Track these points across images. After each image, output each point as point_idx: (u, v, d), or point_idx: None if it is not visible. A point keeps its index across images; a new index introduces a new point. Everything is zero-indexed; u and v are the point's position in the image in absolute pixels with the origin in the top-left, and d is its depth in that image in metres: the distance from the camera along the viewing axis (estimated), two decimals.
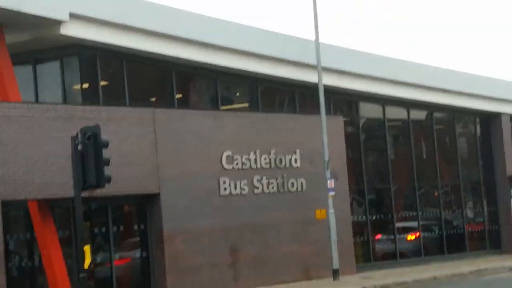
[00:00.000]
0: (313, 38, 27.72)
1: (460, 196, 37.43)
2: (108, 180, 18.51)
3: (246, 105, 29.72)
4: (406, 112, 34.85)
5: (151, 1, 25.41)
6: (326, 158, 26.91)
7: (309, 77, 28.52)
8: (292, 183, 27.36)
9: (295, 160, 27.50)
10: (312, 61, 27.69)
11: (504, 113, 38.18)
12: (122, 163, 21.37)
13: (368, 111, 33.92)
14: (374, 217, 33.20)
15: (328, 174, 26.85)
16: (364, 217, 32.32)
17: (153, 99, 26.96)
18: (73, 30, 22.81)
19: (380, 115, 34.01)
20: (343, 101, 32.37)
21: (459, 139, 38.22)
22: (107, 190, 19.34)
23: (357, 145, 32.31)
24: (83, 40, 23.48)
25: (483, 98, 36.89)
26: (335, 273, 26.42)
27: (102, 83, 25.27)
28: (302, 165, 27.65)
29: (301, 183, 27.59)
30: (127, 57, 25.18)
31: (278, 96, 30.83)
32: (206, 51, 26.50)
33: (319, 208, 27.16)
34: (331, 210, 26.75)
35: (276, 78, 29.00)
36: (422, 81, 33.88)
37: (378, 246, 33.16)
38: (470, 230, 37.32)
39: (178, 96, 27.27)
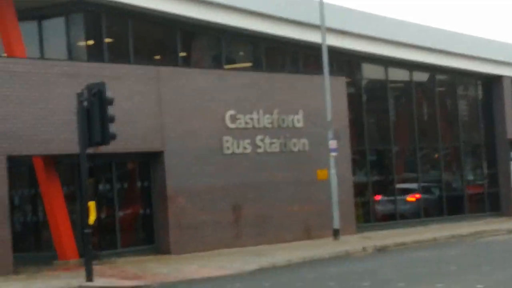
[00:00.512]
0: None
1: (460, 159, 37.56)
2: (113, 137, 18.59)
3: (249, 64, 29.63)
4: (409, 74, 34.81)
5: None
6: (329, 118, 26.87)
7: (313, 37, 28.42)
8: (294, 143, 27.41)
9: (298, 120, 27.54)
10: (316, 21, 27.52)
11: (505, 76, 38.10)
12: (127, 121, 21.43)
13: (371, 72, 33.89)
14: (375, 178, 33.29)
15: (330, 135, 26.84)
16: (365, 178, 32.45)
17: (158, 57, 26.92)
18: None
19: (382, 77, 33.99)
20: (346, 62, 32.36)
21: (460, 101, 38.21)
22: (112, 147, 19.40)
23: (359, 106, 32.35)
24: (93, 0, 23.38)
25: (485, 60, 36.82)
26: (336, 233, 26.59)
27: (107, 40, 25.27)
28: (305, 125, 27.69)
29: (303, 143, 27.64)
30: (132, 15, 25.09)
31: (281, 56, 30.78)
32: (211, 9, 26.39)
33: (321, 168, 27.24)
34: (333, 171, 26.84)
35: (279, 38, 28.91)
36: (424, 43, 33.81)
37: (378, 207, 33.32)
38: (469, 192, 37.49)
39: (182, 54, 27.33)
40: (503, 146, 37.96)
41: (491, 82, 38.19)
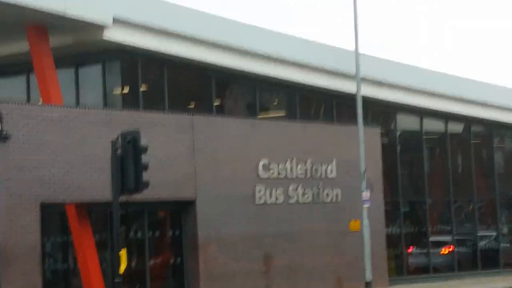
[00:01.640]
0: (351, 48, 27.69)
1: (495, 211, 37.33)
2: (147, 185, 18.36)
3: (283, 113, 29.73)
4: (444, 125, 34.81)
5: (193, 8, 25.55)
6: (362, 169, 26.83)
7: (347, 87, 28.60)
8: (327, 194, 27.37)
9: (331, 170, 27.52)
10: (351, 71, 27.66)
11: None
12: (160, 168, 21.34)
13: (406, 122, 33.89)
14: (408, 230, 33.06)
15: (363, 185, 26.79)
16: (398, 230, 32.28)
17: (192, 105, 27.05)
18: (115, 35, 23.04)
19: (417, 127, 34.02)
20: (381, 112, 32.35)
21: (496, 153, 38.09)
22: (145, 195, 19.21)
23: (393, 157, 32.28)
24: (125, 45, 23.69)
25: None
26: (368, 286, 26.35)
27: (143, 88, 25.49)
28: (338, 175, 27.65)
29: (336, 194, 27.60)
30: (167, 63, 25.34)
31: (315, 105, 30.91)
32: (246, 58, 26.65)
33: (354, 219, 27.11)
34: (366, 222, 26.69)
35: (314, 87, 29.09)
36: (460, 94, 33.88)
37: (411, 260, 33.13)
38: (505, 246, 37.16)
39: (216, 102, 27.47)
40: None
41: None
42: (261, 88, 28.71)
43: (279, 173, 26.22)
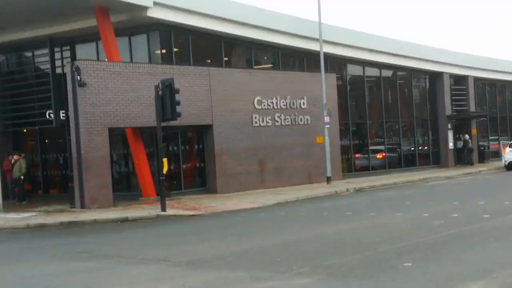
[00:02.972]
0: (317, 19, 27.43)
1: (413, 129, 37.49)
2: (179, 115, 18.98)
3: (270, 65, 29.52)
4: (379, 71, 34.56)
5: None
6: (324, 102, 26.89)
7: (314, 46, 28.19)
8: (301, 119, 27.27)
9: (303, 103, 27.31)
10: (316, 35, 27.51)
11: (445, 72, 37.74)
12: (188, 104, 21.48)
13: (353, 70, 33.57)
14: (355, 142, 33.19)
15: (325, 113, 26.87)
16: (348, 142, 32.33)
17: (209, 60, 26.86)
18: (155, 13, 22.85)
19: (361, 73, 33.79)
20: (336, 64, 31.85)
21: (414, 90, 37.89)
22: (178, 122, 19.80)
23: (345, 93, 32.07)
24: (163, 20, 23.46)
25: (432, 62, 36.47)
26: (328, 179, 26.70)
27: (175, 49, 25.44)
28: (308, 107, 27.48)
29: (307, 119, 27.47)
30: (191, 32, 25.10)
31: (292, 59, 30.53)
32: (244, 28, 26.40)
33: (319, 136, 27.27)
34: (327, 137, 26.89)
35: (291, 47, 28.76)
36: (390, 50, 33.51)
37: (357, 162, 33.21)
38: (419, 151, 37.42)
39: (225, 59, 27.25)
40: (442, 120, 37.75)
41: (436, 77, 37.82)
42: (255, 49, 28.41)
43: (268, 106, 26.10)
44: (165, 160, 19.54)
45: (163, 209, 18.68)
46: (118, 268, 11.17)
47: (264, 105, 25.95)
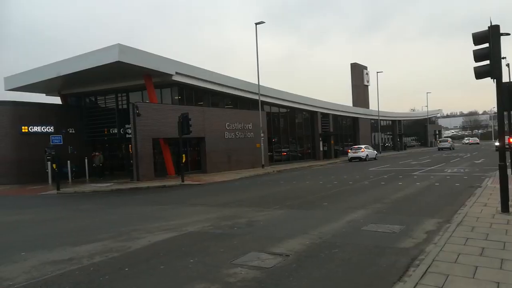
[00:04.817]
0: (256, 81, 27.19)
1: (303, 139, 36.35)
2: (190, 132, 18.87)
3: (231, 106, 28.66)
4: (286, 109, 33.76)
5: (204, 67, 24.85)
6: (260, 125, 27.07)
7: (255, 97, 27.88)
8: (248, 134, 27.05)
9: (250, 126, 27.16)
10: (256, 91, 27.39)
11: (318, 111, 37.30)
12: (193, 126, 20.49)
13: (274, 109, 32.54)
14: (273, 146, 31.67)
15: (261, 131, 27.00)
16: (271, 146, 31.19)
17: (202, 103, 26.03)
18: (176, 78, 22.67)
19: (277, 111, 33.05)
20: (267, 105, 31.06)
21: (303, 119, 36.76)
22: (189, 135, 19.63)
23: (270, 121, 30.99)
24: (179, 81, 23.18)
25: (311, 105, 36.09)
26: (263, 166, 26.73)
27: (185, 96, 24.79)
28: (252, 128, 27.27)
29: (252, 134, 27.20)
30: (194, 88, 24.66)
31: (244, 103, 29.24)
32: (221, 87, 26.04)
33: (258, 143, 27.31)
34: (262, 144, 27.11)
35: (243, 97, 28.33)
36: (291, 99, 32.79)
37: (275, 157, 32.11)
38: (306, 151, 36.49)
39: (213, 102, 26.65)
40: (316, 136, 37.20)
41: (313, 113, 37.33)
42: (225, 97, 27.82)
43: (232, 127, 25.82)
44: (183, 156, 19.44)
45: (182, 180, 18.48)
46: (178, 208, 10.90)
47: (230, 127, 25.95)
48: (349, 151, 34.97)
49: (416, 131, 66.87)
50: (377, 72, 47.68)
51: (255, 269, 5.29)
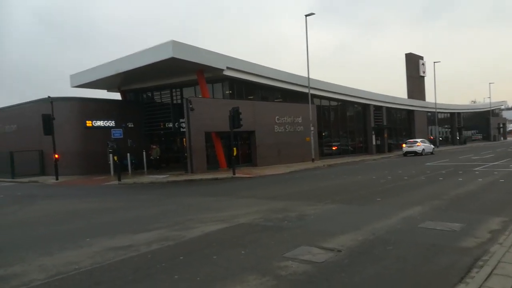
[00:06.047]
0: (306, 74, 26.97)
1: (354, 135, 35.95)
2: (241, 125, 19.07)
3: (280, 100, 28.56)
4: (337, 103, 33.74)
5: (261, 63, 24.84)
6: (310, 119, 26.84)
7: (305, 90, 27.62)
8: (298, 128, 26.96)
9: (300, 120, 27.04)
10: (306, 84, 27.07)
11: (371, 104, 36.87)
12: (244, 119, 20.64)
13: (324, 102, 32.68)
14: (324, 140, 32.00)
15: (310, 125, 26.88)
16: (321, 140, 31.05)
17: (252, 97, 26.20)
18: (227, 73, 22.92)
19: (327, 104, 33.05)
20: (316, 98, 30.85)
21: (354, 113, 36.62)
22: (239, 129, 19.76)
23: (320, 115, 30.83)
24: (230, 76, 23.41)
25: (363, 98, 35.60)
26: (313, 160, 26.62)
27: (236, 91, 25.16)
28: (302, 122, 27.09)
29: (301, 128, 27.11)
30: (244, 82, 24.82)
31: (294, 96, 29.00)
32: (272, 80, 26.01)
33: (307, 137, 27.09)
34: (311, 138, 26.81)
35: (293, 90, 28.19)
36: (342, 91, 32.85)
37: (325, 151, 31.99)
38: (357, 145, 35.80)
39: (264, 96, 26.92)
40: (369, 130, 36.84)
41: (365, 106, 36.96)
42: (275, 90, 27.87)
43: (282, 121, 25.75)
44: (234, 149, 19.62)
45: (234, 173, 18.64)
46: (230, 200, 11.05)
47: (280, 121, 25.95)
48: (404, 145, 34.02)
49: (477, 124, 62.82)
50: (434, 62, 45.40)
51: (306, 263, 5.24)
